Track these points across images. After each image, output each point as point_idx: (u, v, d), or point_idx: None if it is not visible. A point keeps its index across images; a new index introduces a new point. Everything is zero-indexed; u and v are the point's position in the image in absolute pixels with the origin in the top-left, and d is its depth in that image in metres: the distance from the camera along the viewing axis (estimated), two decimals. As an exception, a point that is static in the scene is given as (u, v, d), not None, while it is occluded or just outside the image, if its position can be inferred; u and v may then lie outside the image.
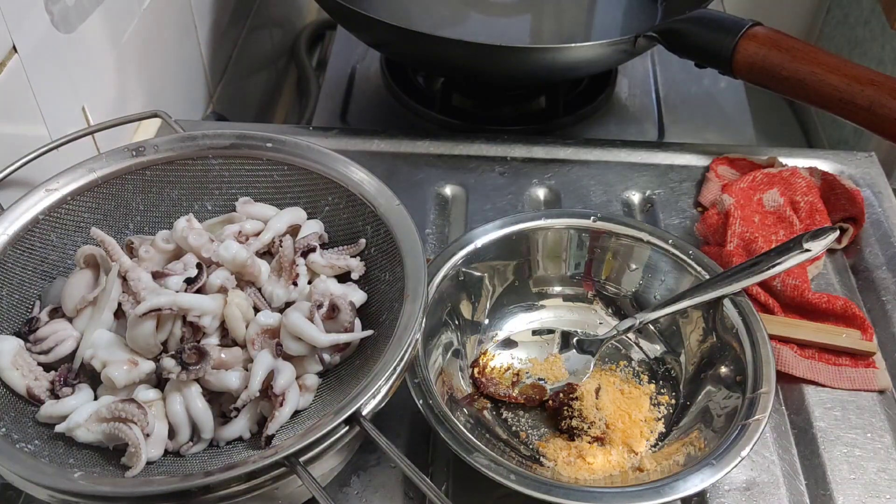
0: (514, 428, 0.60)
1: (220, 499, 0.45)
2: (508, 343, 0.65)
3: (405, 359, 0.51)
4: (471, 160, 0.82)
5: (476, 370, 0.62)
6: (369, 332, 0.55)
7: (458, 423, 0.53)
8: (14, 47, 0.62)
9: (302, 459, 0.46)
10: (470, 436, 0.52)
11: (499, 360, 0.63)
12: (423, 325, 0.54)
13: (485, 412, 0.61)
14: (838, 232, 0.64)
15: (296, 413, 0.53)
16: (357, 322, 0.56)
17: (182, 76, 0.95)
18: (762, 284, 0.67)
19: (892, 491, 0.57)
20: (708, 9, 0.80)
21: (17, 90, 0.64)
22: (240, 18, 1.11)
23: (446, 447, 0.52)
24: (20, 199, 0.58)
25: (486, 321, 0.65)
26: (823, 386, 0.63)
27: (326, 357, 0.55)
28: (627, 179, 0.80)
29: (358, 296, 0.58)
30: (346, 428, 0.48)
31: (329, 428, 0.46)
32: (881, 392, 0.63)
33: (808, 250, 0.61)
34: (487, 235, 0.64)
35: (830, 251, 0.73)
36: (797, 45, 0.72)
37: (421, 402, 0.54)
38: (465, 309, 0.64)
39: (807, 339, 0.65)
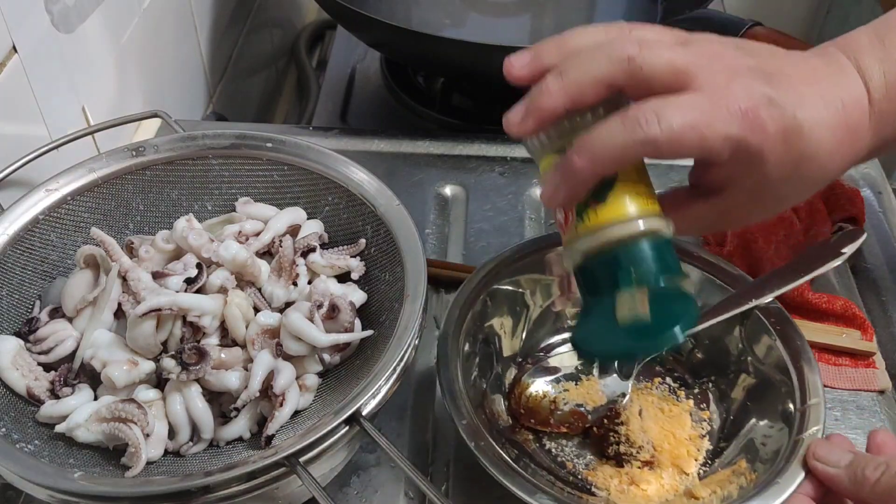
0: (559, 458, 0.58)
1: (220, 499, 0.45)
2: (543, 369, 0.62)
3: (405, 359, 0.50)
4: (471, 160, 0.82)
5: (512, 400, 0.60)
6: (369, 332, 0.55)
7: (511, 461, 0.51)
8: (14, 47, 0.62)
9: (302, 459, 0.46)
10: (531, 478, 0.50)
11: (534, 387, 0.61)
12: (460, 346, 0.54)
13: (528, 443, 0.58)
14: (865, 235, 0.62)
15: (296, 413, 0.53)
16: (357, 322, 0.56)
17: (182, 76, 0.95)
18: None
19: (892, 491, 0.57)
20: (708, 9, 0.80)
21: (17, 90, 0.64)
22: (240, 18, 1.11)
23: (446, 447, 0.52)
24: (20, 199, 0.58)
25: (522, 345, 0.63)
26: (824, 386, 0.63)
27: (326, 357, 0.55)
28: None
29: (358, 296, 0.58)
30: (346, 428, 0.48)
31: (329, 428, 0.46)
32: (881, 392, 0.63)
33: (843, 254, 0.60)
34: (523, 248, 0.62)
35: (830, 251, 0.73)
36: (797, 46, 0.72)
37: (473, 444, 0.51)
38: (502, 333, 0.62)
39: (807, 339, 0.65)
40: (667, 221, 0.45)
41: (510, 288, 0.61)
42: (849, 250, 0.60)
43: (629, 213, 0.44)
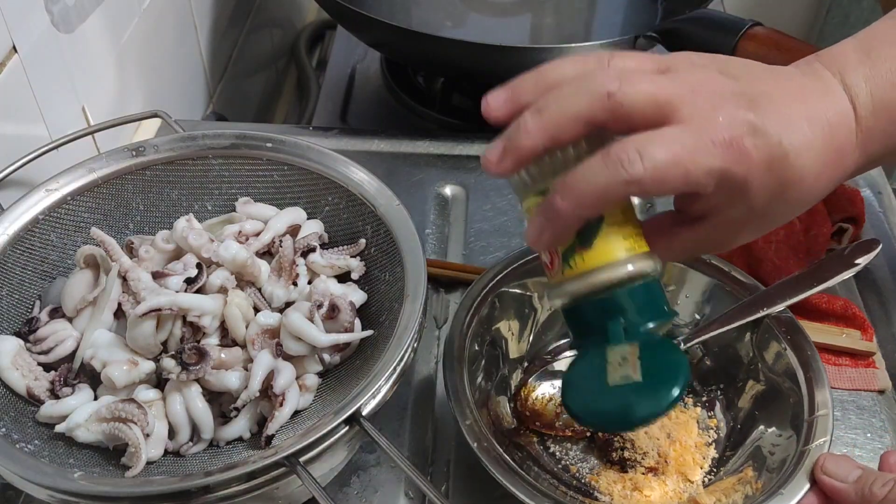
0: (562, 462, 0.58)
1: (220, 499, 0.45)
2: (550, 372, 0.62)
3: (405, 359, 0.50)
4: (471, 160, 0.82)
5: (518, 403, 0.60)
6: (369, 332, 0.55)
7: (513, 463, 0.51)
8: (14, 47, 0.62)
9: (302, 459, 0.46)
10: (531, 479, 0.50)
11: (540, 390, 0.61)
12: (466, 348, 0.54)
13: (532, 446, 0.58)
14: (881, 245, 0.62)
15: (296, 413, 0.53)
16: (357, 322, 0.56)
17: (182, 76, 0.95)
18: (764, 285, 0.67)
19: (892, 491, 0.57)
20: (708, 9, 0.80)
21: (17, 90, 0.64)
22: (240, 18, 1.11)
23: (446, 447, 0.52)
24: (20, 199, 0.58)
25: (529, 348, 0.63)
26: (823, 386, 0.63)
27: (326, 357, 0.55)
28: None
29: (358, 296, 0.58)
30: (346, 428, 0.48)
31: (329, 428, 0.46)
32: (881, 392, 0.63)
33: (857, 265, 0.60)
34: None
35: (829, 251, 0.73)
36: (797, 46, 0.72)
37: (476, 445, 0.51)
38: (509, 336, 0.62)
39: (806, 339, 0.65)
40: (654, 260, 0.44)
41: (518, 291, 0.61)
42: (863, 261, 0.60)
43: (617, 256, 0.43)
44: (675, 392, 0.43)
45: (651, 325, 0.43)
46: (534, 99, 0.43)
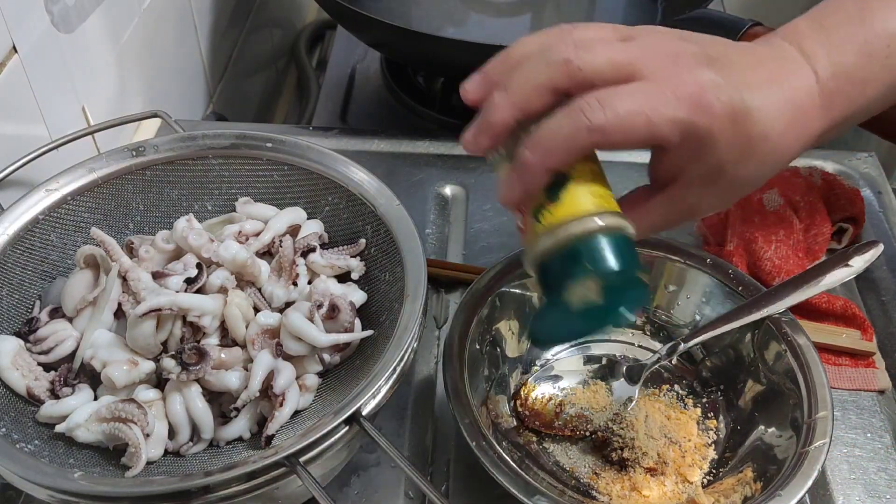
0: (561, 461, 0.58)
1: (220, 499, 0.45)
2: (550, 372, 0.62)
3: (405, 359, 0.50)
4: (471, 160, 0.82)
5: (518, 402, 0.60)
6: (369, 332, 0.55)
7: (511, 462, 0.51)
8: (14, 47, 0.63)
9: (302, 459, 0.46)
10: (529, 478, 0.50)
11: (540, 389, 0.61)
12: (466, 348, 0.54)
13: (531, 445, 0.58)
14: (882, 247, 0.62)
15: (296, 413, 0.53)
16: (357, 322, 0.56)
17: (182, 76, 0.95)
18: (764, 285, 0.67)
19: (892, 491, 0.57)
20: (708, 9, 0.80)
21: (17, 90, 0.64)
22: (240, 18, 1.11)
23: (446, 447, 0.52)
24: (20, 199, 0.58)
25: (529, 348, 0.62)
26: (823, 386, 0.63)
27: (326, 357, 0.55)
28: (627, 179, 0.79)
29: (358, 296, 0.58)
30: (346, 428, 0.48)
31: (329, 428, 0.46)
32: (881, 392, 0.63)
33: (850, 265, 0.60)
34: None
35: (829, 251, 0.73)
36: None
37: (475, 444, 0.51)
38: (509, 335, 0.61)
39: (806, 339, 0.65)
40: (626, 220, 0.45)
41: (518, 291, 0.61)
42: (863, 263, 0.60)
43: (584, 209, 0.43)
44: (627, 308, 0.46)
45: (617, 271, 0.43)
46: (503, 77, 0.45)
